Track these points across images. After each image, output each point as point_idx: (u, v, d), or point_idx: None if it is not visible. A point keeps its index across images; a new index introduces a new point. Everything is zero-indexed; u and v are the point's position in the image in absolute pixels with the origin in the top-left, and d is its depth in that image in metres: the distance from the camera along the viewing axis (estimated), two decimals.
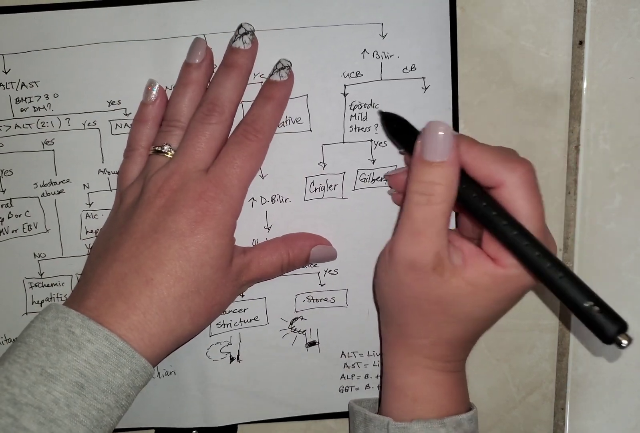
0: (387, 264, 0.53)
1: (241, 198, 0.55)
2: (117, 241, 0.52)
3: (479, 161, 0.49)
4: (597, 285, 0.59)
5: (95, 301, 0.50)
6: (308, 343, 0.62)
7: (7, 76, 0.57)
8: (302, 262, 0.58)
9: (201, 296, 0.52)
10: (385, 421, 0.55)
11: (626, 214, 0.60)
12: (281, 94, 0.56)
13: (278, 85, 0.55)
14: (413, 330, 0.54)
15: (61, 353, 0.47)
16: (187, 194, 0.52)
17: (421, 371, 0.55)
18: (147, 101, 0.56)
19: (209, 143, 0.54)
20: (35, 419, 0.45)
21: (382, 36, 0.56)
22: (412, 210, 0.49)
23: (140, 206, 0.53)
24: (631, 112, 0.58)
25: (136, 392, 0.50)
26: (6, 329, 0.61)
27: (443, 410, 0.55)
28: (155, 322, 0.50)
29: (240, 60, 0.55)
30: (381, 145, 0.58)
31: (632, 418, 0.64)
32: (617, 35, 0.57)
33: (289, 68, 0.56)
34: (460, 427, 0.54)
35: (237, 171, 0.54)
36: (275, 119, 0.56)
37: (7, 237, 0.59)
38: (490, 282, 0.49)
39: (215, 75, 0.56)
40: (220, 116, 0.54)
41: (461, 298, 0.50)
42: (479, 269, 0.49)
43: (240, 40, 0.54)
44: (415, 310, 0.52)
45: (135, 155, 0.57)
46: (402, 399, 0.56)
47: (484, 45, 0.57)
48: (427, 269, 0.49)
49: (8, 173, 0.58)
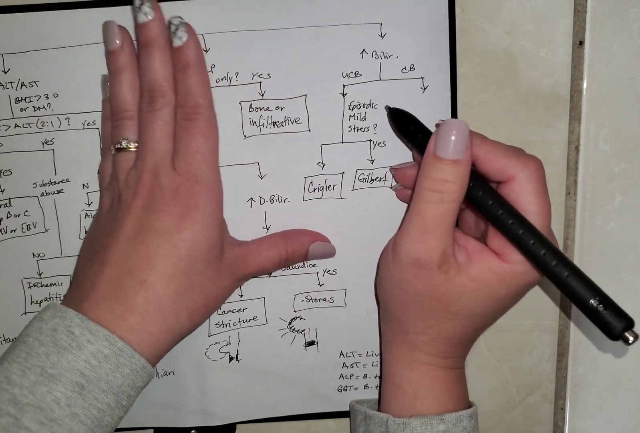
0: (390, 261, 0.53)
1: (217, 181, 0.54)
2: (105, 244, 0.52)
3: (492, 155, 0.49)
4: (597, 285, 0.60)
5: (92, 304, 0.50)
6: (307, 343, 0.62)
7: (6, 75, 0.57)
8: (301, 258, 0.58)
9: (196, 292, 0.52)
10: (384, 418, 0.55)
11: (626, 215, 0.60)
12: (192, 57, 0.53)
13: (183, 49, 0.53)
14: (413, 326, 0.54)
15: (61, 353, 0.47)
16: (163, 192, 0.52)
17: (420, 367, 0.55)
18: (106, 97, 0.56)
19: (164, 130, 0.53)
20: (36, 419, 0.45)
21: (381, 36, 0.56)
22: (422, 207, 0.50)
23: (120, 209, 0.53)
24: (631, 112, 0.58)
25: (137, 393, 0.50)
26: (5, 329, 0.62)
27: (442, 406, 0.55)
28: (153, 322, 0.50)
29: (152, 33, 0.53)
30: (380, 145, 0.58)
31: (632, 418, 0.64)
32: (617, 35, 0.57)
33: (183, 25, 0.53)
34: (459, 423, 0.54)
35: (199, 157, 0.53)
36: (204, 85, 0.54)
37: (6, 237, 0.59)
38: (495, 278, 0.50)
39: (140, 59, 0.54)
40: (163, 99, 0.53)
41: (464, 294, 0.51)
42: (483, 266, 0.50)
43: (140, 13, 0.53)
44: (416, 306, 0.52)
45: (109, 153, 0.56)
46: (402, 396, 0.56)
47: (484, 45, 0.57)
48: (433, 267, 0.50)
49: (7, 173, 0.58)
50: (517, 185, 0.48)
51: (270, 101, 0.57)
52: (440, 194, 0.49)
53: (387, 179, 0.59)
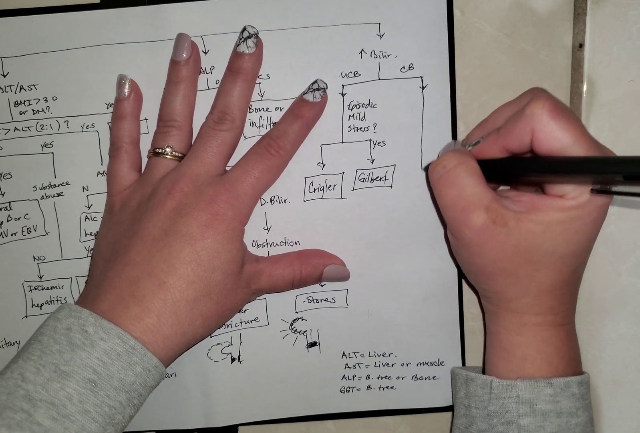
0: (456, 246, 0.55)
1: (251, 207, 0.57)
2: (127, 245, 0.54)
3: (508, 137, 0.51)
4: (597, 287, 0.61)
5: (109, 304, 0.51)
6: (309, 344, 0.63)
7: (5, 79, 0.58)
8: (314, 280, 0.60)
9: (213, 301, 0.54)
10: (488, 379, 0.56)
11: (626, 218, 0.61)
12: (311, 115, 0.57)
13: (310, 105, 0.57)
14: (511, 293, 0.54)
15: (75, 351, 0.48)
16: (199, 197, 0.54)
17: (530, 329, 0.55)
18: (121, 96, 0.58)
19: (221, 148, 0.56)
20: (49, 414, 0.46)
21: (379, 36, 0.58)
22: (439, 188, 0.54)
23: (151, 208, 0.54)
24: (631, 115, 0.59)
25: (148, 392, 0.52)
26: (6, 333, 0.62)
27: (553, 367, 0.55)
28: (168, 325, 0.52)
29: (245, 64, 0.56)
30: (380, 144, 0.59)
31: (633, 421, 0.64)
32: (617, 38, 0.58)
33: (324, 90, 0.57)
34: (568, 388, 0.54)
35: (252, 181, 0.55)
36: (300, 138, 0.58)
37: (7, 240, 0.61)
38: (561, 216, 0.50)
39: (223, 81, 0.57)
40: (231, 123, 0.56)
41: (537, 239, 0.51)
42: (546, 207, 0.51)
43: (244, 44, 0.56)
44: (502, 273, 0.53)
45: (121, 153, 0.58)
46: (511, 359, 0.56)
47: (484, 47, 0.59)
48: (488, 225, 0.51)
49: (7, 176, 0.60)
50: (540, 135, 0.49)
51: (269, 101, 0.59)
52: (440, 166, 0.53)
53: (387, 179, 0.60)
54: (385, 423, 0.65)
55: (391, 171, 0.60)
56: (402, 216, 0.60)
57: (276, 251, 0.61)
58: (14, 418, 0.46)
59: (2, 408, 0.46)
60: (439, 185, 0.54)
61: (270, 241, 0.61)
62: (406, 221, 0.61)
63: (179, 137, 0.57)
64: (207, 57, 0.58)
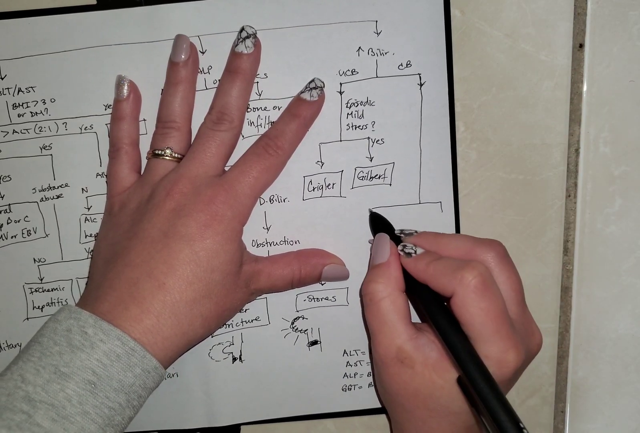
0: (375, 367, 0.57)
1: (250, 207, 0.57)
2: (127, 246, 0.55)
3: (433, 277, 0.53)
4: (597, 288, 0.62)
5: (109, 305, 0.52)
6: (310, 343, 0.64)
7: (3, 81, 0.59)
8: (314, 280, 0.61)
9: (212, 301, 0.55)
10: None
11: (626, 218, 0.62)
12: (308, 114, 0.58)
13: (307, 104, 0.57)
14: (406, 427, 0.56)
15: (74, 352, 0.49)
16: (197, 198, 0.55)
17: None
18: (120, 97, 0.59)
19: (219, 149, 0.56)
20: (49, 416, 0.47)
21: (376, 33, 0.58)
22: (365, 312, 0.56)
23: (150, 210, 0.55)
24: (631, 115, 0.59)
25: (148, 394, 0.52)
26: (7, 335, 0.63)
27: None
28: (168, 326, 0.52)
29: (244, 65, 0.57)
30: (378, 142, 0.60)
31: (632, 421, 0.65)
32: (617, 38, 0.58)
33: (321, 89, 0.58)
34: None
35: (251, 181, 0.56)
36: (299, 137, 0.58)
37: (7, 243, 0.61)
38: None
39: (221, 81, 0.58)
40: (229, 124, 0.56)
41: (436, 391, 0.52)
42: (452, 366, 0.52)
43: (242, 44, 0.56)
44: (400, 407, 0.55)
45: (120, 154, 0.59)
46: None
47: (484, 48, 0.59)
48: (395, 363, 0.53)
49: (6, 179, 0.60)
50: (458, 300, 0.51)
51: (267, 100, 0.59)
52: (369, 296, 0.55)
53: (386, 176, 0.60)
54: (385, 423, 0.66)
55: (390, 169, 0.60)
56: (400, 213, 0.61)
57: (276, 251, 0.61)
58: (13, 419, 0.46)
59: (2, 410, 0.47)
60: (366, 310, 0.56)
61: (270, 241, 0.61)
62: (405, 219, 0.61)
63: (178, 138, 0.57)
64: (205, 57, 0.58)
